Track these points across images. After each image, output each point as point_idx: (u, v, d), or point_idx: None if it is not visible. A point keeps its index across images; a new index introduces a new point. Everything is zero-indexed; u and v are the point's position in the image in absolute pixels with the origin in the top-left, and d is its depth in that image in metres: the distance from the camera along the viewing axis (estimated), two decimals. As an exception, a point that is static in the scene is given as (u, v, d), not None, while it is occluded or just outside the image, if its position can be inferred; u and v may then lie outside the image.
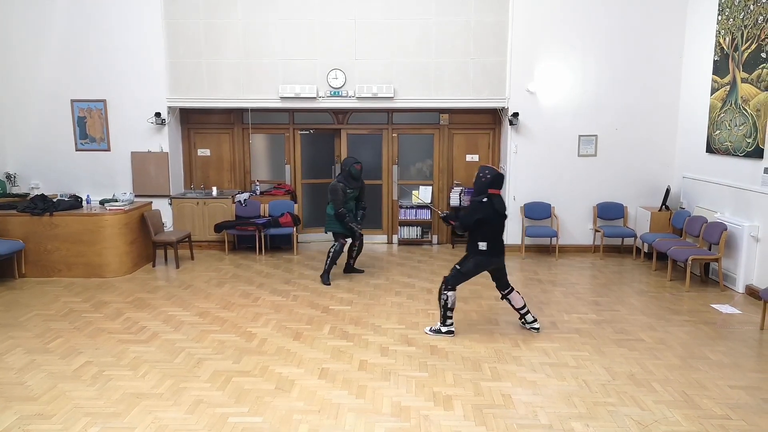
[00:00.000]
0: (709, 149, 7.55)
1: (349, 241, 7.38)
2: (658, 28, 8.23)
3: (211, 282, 7.18)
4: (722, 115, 7.24)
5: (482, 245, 5.19)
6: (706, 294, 6.72)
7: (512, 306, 5.51)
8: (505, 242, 5.43)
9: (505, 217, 5.28)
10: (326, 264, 7.09)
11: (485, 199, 5.18)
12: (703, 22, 7.76)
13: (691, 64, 8.07)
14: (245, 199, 8.74)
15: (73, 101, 8.60)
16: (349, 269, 7.56)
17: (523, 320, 5.54)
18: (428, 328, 5.51)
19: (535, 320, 5.53)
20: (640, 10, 8.19)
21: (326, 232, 7.39)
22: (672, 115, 8.41)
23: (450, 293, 5.32)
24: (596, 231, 8.60)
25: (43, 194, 7.80)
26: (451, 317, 5.40)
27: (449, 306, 5.34)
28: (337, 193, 7.02)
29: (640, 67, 8.32)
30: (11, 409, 4.01)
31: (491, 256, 5.26)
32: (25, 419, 3.88)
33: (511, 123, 8.45)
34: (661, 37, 8.25)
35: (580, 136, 8.52)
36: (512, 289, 5.49)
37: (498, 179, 5.20)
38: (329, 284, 6.99)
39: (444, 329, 5.41)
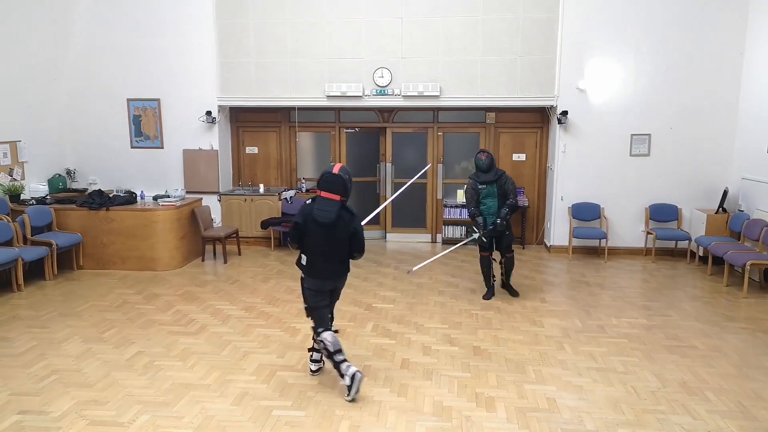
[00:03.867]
0: (771, 149, 7.19)
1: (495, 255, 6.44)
2: (717, 23, 7.88)
3: (257, 277, 7.32)
4: (786, 113, 6.88)
5: (303, 259, 4.26)
6: (765, 301, 6.41)
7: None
8: (347, 264, 4.34)
9: (324, 227, 4.09)
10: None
11: (309, 201, 4.23)
12: (765, 17, 7.39)
13: (753, 60, 7.70)
14: (291, 197, 8.87)
15: (128, 100, 8.93)
16: (504, 285, 6.64)
17: (311, 354, 4.56)
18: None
19: (317, 362, 4.52)
20: (698, 3, 7.87)
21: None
22: (731, 114, 8.05)
23: (325, 335, 4.20)
24: (648, 233, 8.32)
25: (100, 190, 8.15)
26: (343, 362, 4.13)
27: (332, 350, 4.15)
28: (466, 191, 6.33)
29: (697, 63, 8.00)
30: (69, 394, 4.21)
31: (312, 277, 4.24)
32: (81, 404, 4.06)
33: (559, 122, 8.27)
34: (720, 33, 7.90)
35: (632, 135, 8.26)
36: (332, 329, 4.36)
37: (322, 179, 4.13)
38: (488, 298, 6.37)
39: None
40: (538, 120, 8.97)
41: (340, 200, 4.11)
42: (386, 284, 7.03)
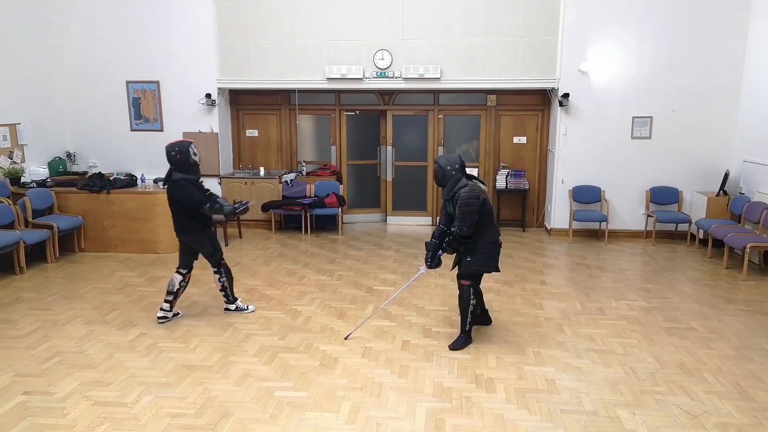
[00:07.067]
0: (774, 132, 7.17)
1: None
2: (720, 5, 7.78)
3: (258, 260, 7.34)
4: (789, 95, 6.84)
5: None
6: (764, 283, 6.44)
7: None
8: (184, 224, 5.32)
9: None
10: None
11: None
12: (771, -3, 7.32)
13: (756, 41, 7.63)
14: (292, 180, 8.86)
15: (128, 83, 8.87)
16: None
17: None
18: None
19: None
20: (702, -16, 7.80)
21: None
22: (733, 96, 7.99)
23: (173, 274, 5.28)
24: (649, 216, 8.32)
25: (100, 173, 8.13)
26: (167, 302, 5.25)
27: (168, 288, 5.23)
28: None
29: (700, 45, 7.92)
30: (73, 375, 4.25)
31: None
32: (85, 386, 4.10)
33: (560, 104, 8.23)
34: (723, 14, 7.81)
35: (633, 117, 8.22)
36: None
37: None
38: (458, 348, 4.71)
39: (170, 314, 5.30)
40: (540, 102, 8.92)
41: (172, 169, 5.11)
42: (387, 267, 7.05)
